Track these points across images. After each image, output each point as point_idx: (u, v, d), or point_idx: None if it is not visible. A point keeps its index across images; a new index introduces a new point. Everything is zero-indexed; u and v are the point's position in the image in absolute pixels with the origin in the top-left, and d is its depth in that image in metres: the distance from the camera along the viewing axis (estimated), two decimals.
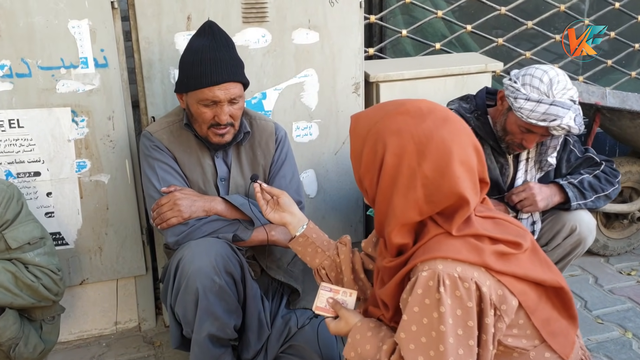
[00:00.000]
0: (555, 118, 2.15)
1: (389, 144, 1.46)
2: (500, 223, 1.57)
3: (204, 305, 1.99)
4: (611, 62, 3.88)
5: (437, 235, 1.48)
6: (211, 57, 2.03)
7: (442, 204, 1.46)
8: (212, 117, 2.08)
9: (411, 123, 1.46)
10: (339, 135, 2.76)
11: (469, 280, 1.40)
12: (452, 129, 1.46)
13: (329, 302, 1.76)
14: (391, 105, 1.55)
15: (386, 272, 1.60)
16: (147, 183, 2.18)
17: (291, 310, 2.30)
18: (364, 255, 1.93)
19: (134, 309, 2.76)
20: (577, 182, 2.41)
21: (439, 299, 1.39)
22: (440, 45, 3.47)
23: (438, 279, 1.40)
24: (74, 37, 2.31)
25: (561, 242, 2.43)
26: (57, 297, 2.19)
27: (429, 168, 1.43)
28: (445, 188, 1.44)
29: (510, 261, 1.48)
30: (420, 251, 1.48)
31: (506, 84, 2.27)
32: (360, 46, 2.68)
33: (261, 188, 1.98)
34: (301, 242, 1.92)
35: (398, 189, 1.46)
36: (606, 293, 3.04)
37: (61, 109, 2.37)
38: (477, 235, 1.48)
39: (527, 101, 2.17)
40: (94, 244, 2.56)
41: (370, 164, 1.51)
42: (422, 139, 1.44)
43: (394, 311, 1.59)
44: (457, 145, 1.45)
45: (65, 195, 2.47)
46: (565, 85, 2.18)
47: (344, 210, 2.88)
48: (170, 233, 2.10)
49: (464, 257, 1.42)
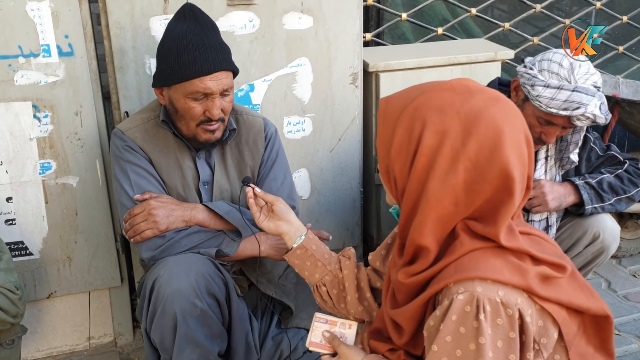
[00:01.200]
0: (578, 106, 1.93)
1: (429, 121, 1.24)
2: (537, 241, 1.35)
3: (183, 332, 1.75)
4: (622, 48, 3.64)
5: (473, 250, 1.25)
6: (198, 42, 1.77)
7: (482, 195, 1.24)
8: (202, 112, 1.83)
9: (457, 99, 1.25)
10: (334, 131, 2.50)
11: (512, 306, 1.19)
12: (504, 109, 1.25)
13: (325, 336, 1.54)
14: (430, 84, 1.33)
15: (402, 290, 1.37)
16: (119, 189, 1.92)
17: (283, 330, 2.06)
18: (371, 270, 1.69)
19: (109, 323, 2.51)
20: (595, 183, 2.17)
21: (478, 327, 1.18)
22: (442, 30, 3.20)
23: (477, 303, 1.19)
24: (34, 21, 2.03)
25: (582, 250, 2.21)
26: (16, 320, 1.92)
27: (474, 149, 1.22)
28: (491, 173, 1.22)
29: (553, 286, 1.27)
30: (452, 269, 1.25)
31: (520, 71, 2.03)
32: (359, 32, 2.42)
33: (254, 193, 1.73)
34: (299, 254, 1.69)
35: (435, 172, 1.24)
36: (621, 300, 2.84)
37: (20, 103, 2.09)
38: (518, 253, 1.26)
39: (546, 88, 1.95)
40: (62, 254, 2.30)
41: (403, 146, 1.28)
42: (470, 117, 1.23)
43: (410, 336, 1.37)
44: (510, 127, 1.23)
45: (28, 200, 2.20)
46: (587, 70, 1.96)
47: (340, 212, 2.63)
48: (145, 247, 1.84)
49: (506, 278, 1.21)
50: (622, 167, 2.23)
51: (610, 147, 2.27)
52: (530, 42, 3.41)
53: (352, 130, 2.53)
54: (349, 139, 2.54)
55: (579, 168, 2.24)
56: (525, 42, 3.43)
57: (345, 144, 2.55)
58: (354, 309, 1.67)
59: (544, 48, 3.38)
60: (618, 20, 3.58)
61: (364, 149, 2.60)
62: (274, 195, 1.77)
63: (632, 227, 3.18)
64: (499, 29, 3.35)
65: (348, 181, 2.60)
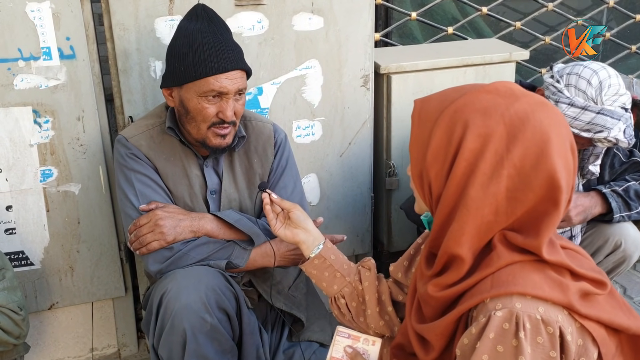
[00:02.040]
0: (601, 130, 1.86)
1: (472, 124, 1.17)
2: (573, 255, 1.28)
3: (192, 348, 1.67)
4: (635, 47, 3.56)
5: (511, 264, 1.18)
6: (214, 40, 1.71)
7: (525, 204, 1.17)
8: (215, 113, 1.75)
9: (501, 102, 1.18)
10: (344, 135, 2.42)
11: (553, 324, 1.13)
12: (552, 115, 1.19)
13: (347, 352, 1.47)
14: (470, 85, 1.27)
15: (431, 303, 1.29)
16: (124, 199, 1.84)
17: (295, 343, 1.99)
18: (392, 282, 1.62)
19: (113, 334, 2.43)
20: (621, 191, 2.10)
21: (517, 346, 1.12)
22: (452, 30, 3.12)
23: (517, 320, 1.12)
24: (34, 23, 1.94)
25: (603, 260, 2.15)
26: (19, 340, 1.84)
27: (519, 155, 1.15)
28: (537, 182, 1.15)
29: (593, 303, 1.20)
30: (488, 283, 1.18)
31: (547, 82, 1.95)
32: (371, 32, 2.33)
33: (270, 199, 1.66)
34: (317, 264, 1.62)
35: (476, 178, 1.17)
36: (637, 306, 2.77)
37: (20, 108, 2.01)
38: (557, 267, 1.19)
39: (571, 107, 1.87)
40: (64, 264, 2.22)
41: (441, 150, 1.21)
42: (515, 121, 1.16)
43: (439, 353, 1.29)
44: (557, 134, 1.17)
45: (29, 208, 2.12)
46: (617, 91, 1.87)
47: (350, 219, 2.55)
48: (151, 260, 1.76)
49: (547, 294, 1.14)
50: None
51: (634, 153, 2.19)
52: (542, 42, 3.33)
53: (363, 134, 2.45)
54: (360, 143, 2.46)
55: (602, 175, 2.16)
56: (536, 41, 3.35)
57: (356, 148, 2.47)
58: (374, 323, 1.60)
59: (555, 47, 3.31)
60: (631, 19, 3.49)
61: (374, 153, 2.52)
62: (291, 202, 1.69)
63: None
64: (509, 28, 3.26)
65: (358, 186, 2.53)
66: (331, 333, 2.04)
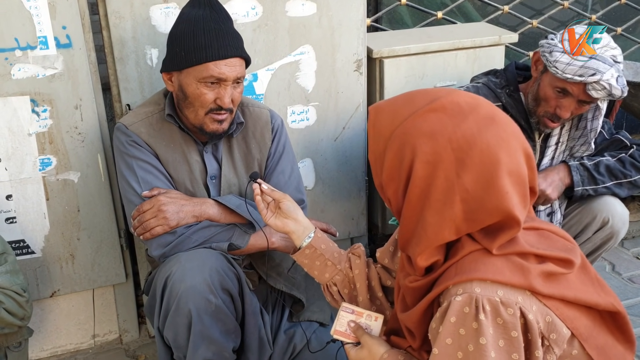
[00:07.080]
0: (594, 72, 1.92)
1: (420, 149, 1.20)
2: (545, 235, 1.34)
3: (198, 329, 1.71)
4: (621, 29, 3.62)
5: (473, 252, 1.24)
6: (215, 27, 1.74)
7: (484, 222, 1.22)
8: (213, 99, 1.78)
9: (448, 123, 1.20)
10: (339, 120, 2.46)
11: (513, 305, 1.18)
12: (499, 131, 1.21)
13: (351, 326, 1.52)
14: (421, 97, 1.27)
15: (409, 293, 1.36)
16: (126, 186, 1.86)
17: (295, 324, 2.03)
18: (381, 268, 1.66)
19: (114, 320, 2.46)
20: (590, 165, 2.14)
21: (477, 328, 1.17)
22: (442, 14, 3.16)
23: (476, 304, 1.18)
24: (30, 12, 1.95)
25: (591, 236, 2.20)
26: (24, 322, 1.87)
27: (470, 180, 1.18)
28: (490, 204, 1.19)
29: (559, 282, 1.26)
30: (453, 271, 1.24)
31: (542, 42, 2.02)
32: (363, 17, 2.36)
33: (261, 190, 1.69)
34: (308, 254, 1.64)
35: (431, 204, 1.21)
36: (626, 282, 2.84)
37: (18, 97, 2.02)
38: (522, 253, 1.24)
39: (564, 54, 1.95)
40: (65, 251, 2.24)
41: (394, 172, 1.25)
42: (463, 145, 1.18)
43: (421, 340, 1.36)
44: (506, 152, 1.19)
45: (28, 197, 2.14)
46: (608, 43, 1.97)
47: (345, 202, 2.60)
48: (155, 244, 1.80)
49: (506, 278, 1.20)
50: (628, 151, 2.21)
51: (620, 132, 2.24)
52: (530, 25, 3.38)
53: (357, 118, 2.49)
54: (354, 127, 2.50)
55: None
56: (523, 24, 3.39)
57: (350, 133, 2.50)
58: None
59: (543, 31, 3.35)
60: (616, 1, 3.55)
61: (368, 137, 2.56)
62: (281, 192, 1.72)
63: (635, 210, 3.19)
64: (497, 12, 3.31)
65: (352, 170, 2.57)
66: (330, 313, 2.09)
